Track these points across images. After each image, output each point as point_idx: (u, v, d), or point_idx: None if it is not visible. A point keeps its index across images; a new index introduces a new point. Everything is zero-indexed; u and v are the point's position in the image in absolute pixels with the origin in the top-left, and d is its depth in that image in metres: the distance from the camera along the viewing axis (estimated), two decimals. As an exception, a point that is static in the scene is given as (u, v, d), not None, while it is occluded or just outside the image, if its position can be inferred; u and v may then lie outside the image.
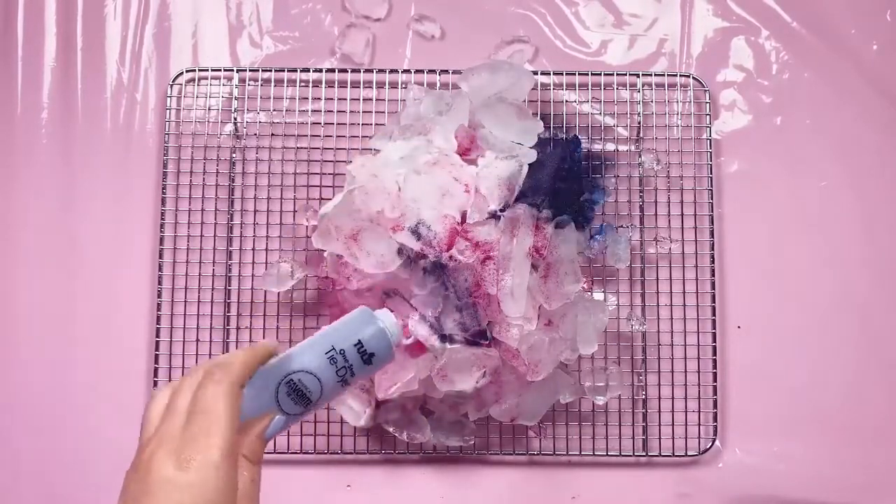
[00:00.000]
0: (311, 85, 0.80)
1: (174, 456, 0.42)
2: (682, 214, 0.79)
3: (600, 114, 0.80)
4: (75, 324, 0.79)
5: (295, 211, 0.79)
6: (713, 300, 0.78)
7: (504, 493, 0.78)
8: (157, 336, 0.77)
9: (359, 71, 0.80)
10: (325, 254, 0.73)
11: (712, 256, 0.79)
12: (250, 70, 0.81)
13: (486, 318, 0.69)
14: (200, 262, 0.78)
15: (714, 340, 0.78)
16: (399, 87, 0.80)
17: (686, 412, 0.77)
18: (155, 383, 0.77)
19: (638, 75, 0.80)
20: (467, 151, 0.73)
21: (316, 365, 0.49)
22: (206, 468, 0.41)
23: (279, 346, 0.50)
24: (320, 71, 0.80)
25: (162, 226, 0.79)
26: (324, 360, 0.49)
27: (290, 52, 0.82)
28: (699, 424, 0.77)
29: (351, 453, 0.77)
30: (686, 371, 0.78)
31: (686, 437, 0.77)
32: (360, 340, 0.50)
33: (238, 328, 0.78)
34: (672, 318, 0.78)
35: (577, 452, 0.77)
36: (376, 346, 0.50)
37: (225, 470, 0.42)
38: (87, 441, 0.78)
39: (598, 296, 0.78)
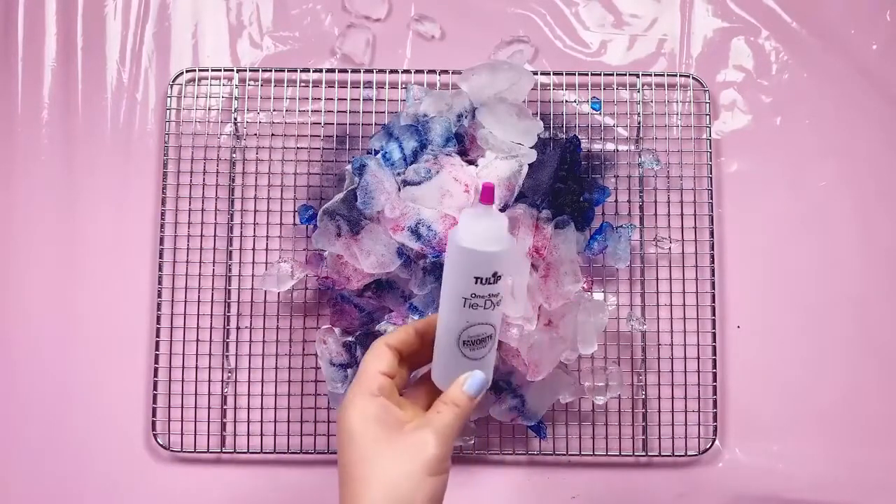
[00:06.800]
0: (311, 85, 0.80)
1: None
2: (682, 214, 0.79)
3: (600, 114, 0.80)
4: (75, 323, 0.79)
5: (295, 211, 0.79)
6: (713, 300, 0.78)
7: (504, 493, 0.78)
8: (157, 336, 0.77)
9: (359, 71, 0.80)
10: (325, 254, 0.73)
11: (712, 256, 0.79)
12: (250, 70, 0.81)
13: (486, 318, 0.69)
14: (200, 262, 0.78)
15: (714, 340, 0.78)
16: (399, 87, 0.80)
17: (686, 412, 0.78)
18: (155, 384, 0.77)
19: (638, 75, 0.80)
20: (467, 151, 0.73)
21: (465, 318, 0.52)
22: (344, 407, 0.54)
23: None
24: (320, 71, 0.80)
25: (162, 226, 0.79)
26: (465, 310, 0.52)
27: (290, 52, 0.82)
28: (699, 424, 0.78)
29: (351, 453, 0.77)
30: (686, 371, 0.78)
31: (686, 437, 0.77)
32: (475, 278, 0.51)
33: (238, 328, 0.78)
34: (672, 318, 0.78)
35: (577, 452, 0.77)
36: (491, 265, 0.51)
37: (351, 409, 0.54)
38: (88, 440, 0.78)
39: (598, 296, 0.78)
